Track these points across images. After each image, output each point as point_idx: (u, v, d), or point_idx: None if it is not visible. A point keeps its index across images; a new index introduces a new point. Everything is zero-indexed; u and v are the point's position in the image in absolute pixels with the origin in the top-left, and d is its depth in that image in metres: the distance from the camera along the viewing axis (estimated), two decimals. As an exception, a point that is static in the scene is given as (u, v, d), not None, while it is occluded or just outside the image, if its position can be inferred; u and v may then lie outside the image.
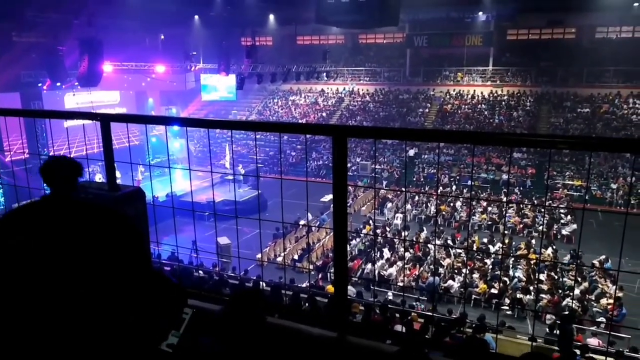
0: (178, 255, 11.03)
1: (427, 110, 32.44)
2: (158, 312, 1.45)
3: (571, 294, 12.84)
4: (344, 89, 35.75)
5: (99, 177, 21.69)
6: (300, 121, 34.02)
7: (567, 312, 11.07)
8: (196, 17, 31.00)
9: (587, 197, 22.90)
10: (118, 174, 2.89)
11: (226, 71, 26.97)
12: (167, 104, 33.80)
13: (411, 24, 32.61)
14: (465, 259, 15.63)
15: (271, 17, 32.81)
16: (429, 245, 15.66)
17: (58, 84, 21.75)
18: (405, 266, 15.09)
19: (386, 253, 16.17)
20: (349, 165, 26.77)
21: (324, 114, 34.44)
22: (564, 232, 19.07)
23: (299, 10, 26.83)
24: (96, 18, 20.10)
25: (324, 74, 33.46)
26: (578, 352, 8.06)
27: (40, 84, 22.67)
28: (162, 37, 30.44)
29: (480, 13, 30.23)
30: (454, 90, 32.56)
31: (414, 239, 17.58)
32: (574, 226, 19.05)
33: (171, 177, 4.47)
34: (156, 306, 1.44)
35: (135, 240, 2.08)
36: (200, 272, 12.42)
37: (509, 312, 13.11)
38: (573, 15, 29.91)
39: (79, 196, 2.23)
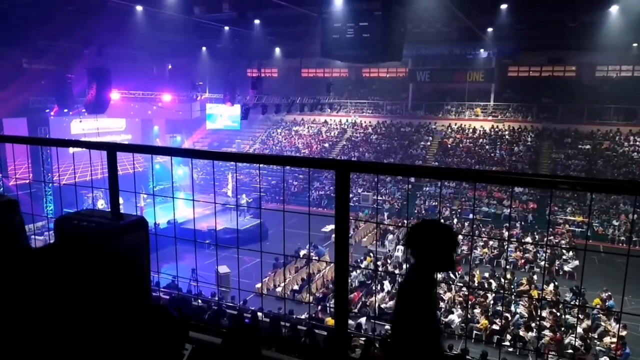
0: (178, 283, 10.95)
1: (428, 143, 32.67)
2: (159, 348, 1.45)
3: (574, 332, 12.62)
4: (347, 120, 36.10)
5: (101, 203, 21.72)
6: (303, 151, 34.27)
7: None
8: (204, 48, 31.61)
9: (589, 234, 22.76)
10: (121, 200, 2.92)
11: (231, 101, 27.30)
12: (172, 132, 34.14)
13: (414, 60, 33.17)
14: (467, 292, 15.43)
15: (277, 50, 33.43)
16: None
17: (65, 110, 22.04)
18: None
19: (387, 286, 15.99)
20: (350, 196, 26.69)
21: (326, 145, 34.68)
22: (566, 268, 18.88)
23: (304, 44, 27.31)
24: (106, 48, 20.51)
25: (328, 106, 33.83)
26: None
27: (47, 110, 22.98)
28: (170, 67, 30.98)
29: (482, 50, 30.75)
30: (455, 124, 32.86)
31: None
32: (576, 262, 18.88)
33: (174, 205, 4.52)
34: (157, 342, 1.44)
35: None
36: (199, 301, 12.30)
37: (510, 349, 12.87)
38: (573, 54, 30.37)
39: None
